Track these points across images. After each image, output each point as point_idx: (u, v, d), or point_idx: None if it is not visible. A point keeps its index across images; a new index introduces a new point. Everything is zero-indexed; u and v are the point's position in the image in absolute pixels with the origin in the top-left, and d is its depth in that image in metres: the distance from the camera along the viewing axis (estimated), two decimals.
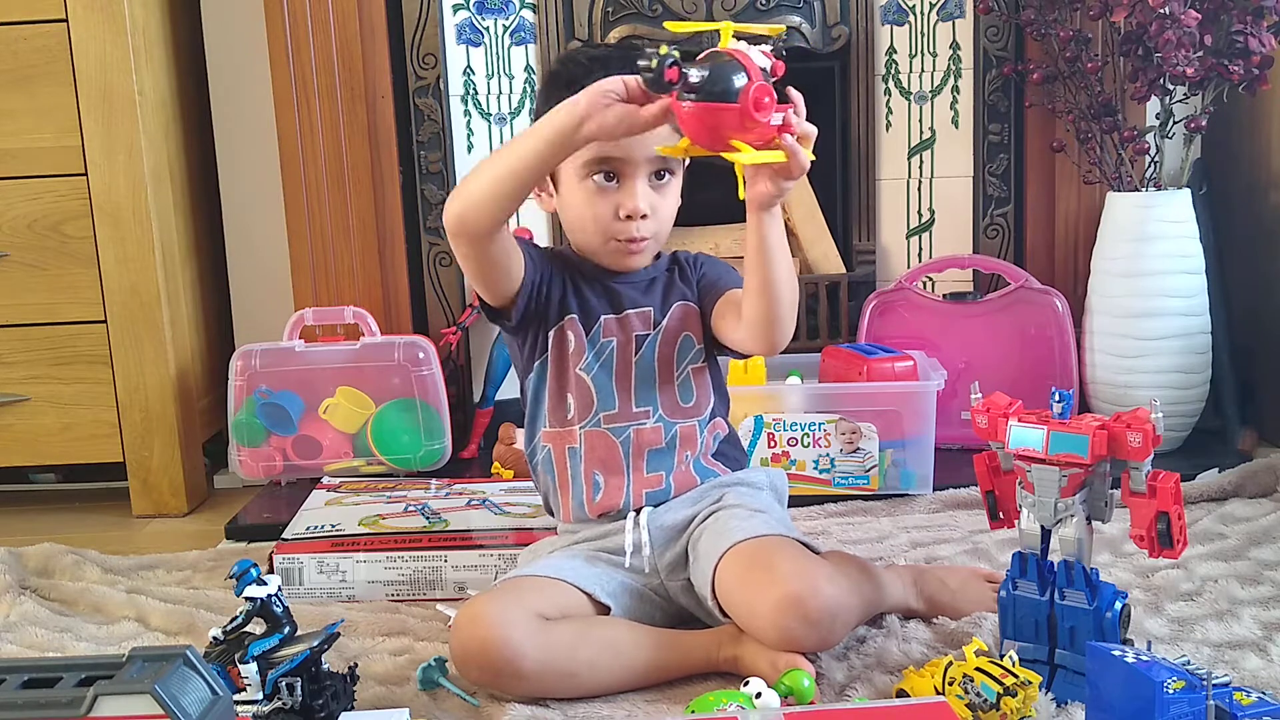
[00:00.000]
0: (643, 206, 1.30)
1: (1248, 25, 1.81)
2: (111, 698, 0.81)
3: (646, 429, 1.37)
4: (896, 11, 2.13)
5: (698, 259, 1.43)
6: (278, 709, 1.10)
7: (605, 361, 1.36)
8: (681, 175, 1.36)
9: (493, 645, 1.18)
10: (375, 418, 2.00)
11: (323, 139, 2.05)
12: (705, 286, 1.39)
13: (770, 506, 1.39)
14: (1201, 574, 1.45)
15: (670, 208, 1.35)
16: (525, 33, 2.13)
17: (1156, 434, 1.12)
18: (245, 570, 1.14)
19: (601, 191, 1.30)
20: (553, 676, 1.19)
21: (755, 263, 1.22)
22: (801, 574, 1.21)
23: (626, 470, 1.36)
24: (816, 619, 1.19)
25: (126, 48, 1.92)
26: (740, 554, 1.26)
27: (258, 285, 2.27)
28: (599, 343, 1.36)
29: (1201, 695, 0.96)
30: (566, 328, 1.36)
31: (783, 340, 1.28)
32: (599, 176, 1.30)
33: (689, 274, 1.41)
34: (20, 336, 2.00)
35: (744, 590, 1.23)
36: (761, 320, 1.26)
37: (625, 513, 1.36)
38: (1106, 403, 1.95)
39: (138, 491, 2.02)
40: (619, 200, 1.30)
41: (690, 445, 1.38)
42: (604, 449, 1.37)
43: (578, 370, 1.36)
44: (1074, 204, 2.11)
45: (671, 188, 1.34)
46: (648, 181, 1.31)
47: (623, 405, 1.36)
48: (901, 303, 2.09)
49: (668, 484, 1.37)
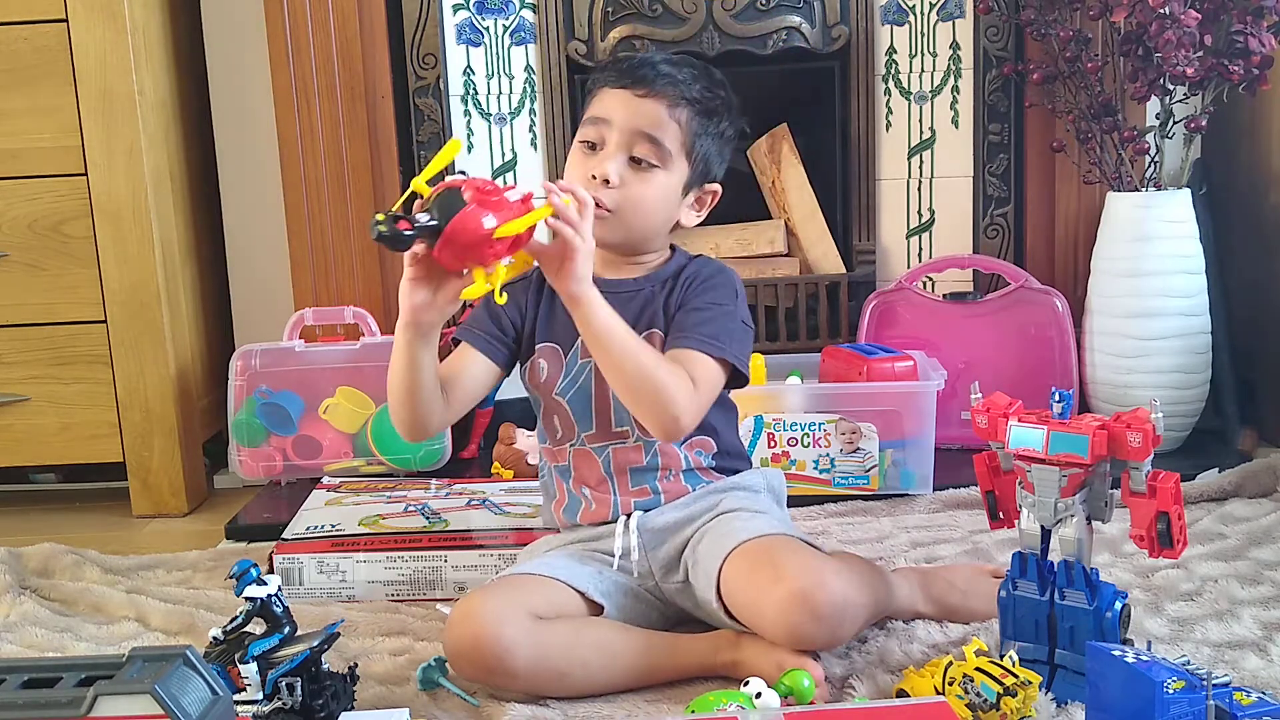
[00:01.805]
0: (610, 172, 1.30)
1: (1248, 25, 1.81)
2: (111, 698, 0.81)
3: (626, 448, 1.36)
4: (896, 11, 2.13)
5: (696, 283, 1.36)
6: (278, 709, 1.11)
7: (582, 384, 1.35)
8: (678, 180, 1.34)
9: (485, 642, 1.18)
10: (375, 418, 2.00)
11: (323, 139, 2.05)
12: (674, 326, 1.34)
13: (770, 508, 1.39)
14: (1201, 574, 1.45)
15: (646, 197, 1.32)
16: (525, 33, 2.13)
17: (1156, 434, 1.12)
18: (245, 570, 1.14)
19: (584, 156, 1.33)
20: (544, 675, 1.20)
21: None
22: (809, 570, 1.20)
23: (612, 487, 1.37)
24: (825, 614, 1.18)
25: (126, 48, 1.92)
26: (745, 554, 1.25)
27: (258, 285, 2.27)
28: (576, 364, 1.35)
29: (1201, 695, 0.96)
30: (540, 356, 1.37)
31: (659, 429, 1.26)
32: (584, 145, 1.33)
33: (675, 297, 1.36)
34: (20, 336, 2.00)
35: (750, 589, 1.22)
36: (627, 406, 1.28)
37: (615, 516, 1.36)
38: (1106, 403, 1.95)
39: (138, 491, 2.02)
40: (593, 164, 1.31)
41: (673, 462, 1.37)
42: (588, 468, 1.37)
43: (554, 395, 1.37)
44: (1074, 204, 2.11)
45: (652, 179, 1.32)
46: (625, 158, 1.31)
47: (600, 426, 1.36)
48: (901, 303, 2.09)
49: (656, 494, 1.36)
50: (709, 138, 1.35)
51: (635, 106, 1.31)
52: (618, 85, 1.33)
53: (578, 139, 1.35)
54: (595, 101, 1.35)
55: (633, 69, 1.34)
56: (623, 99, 1.32)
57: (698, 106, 1.34)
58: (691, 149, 1.34)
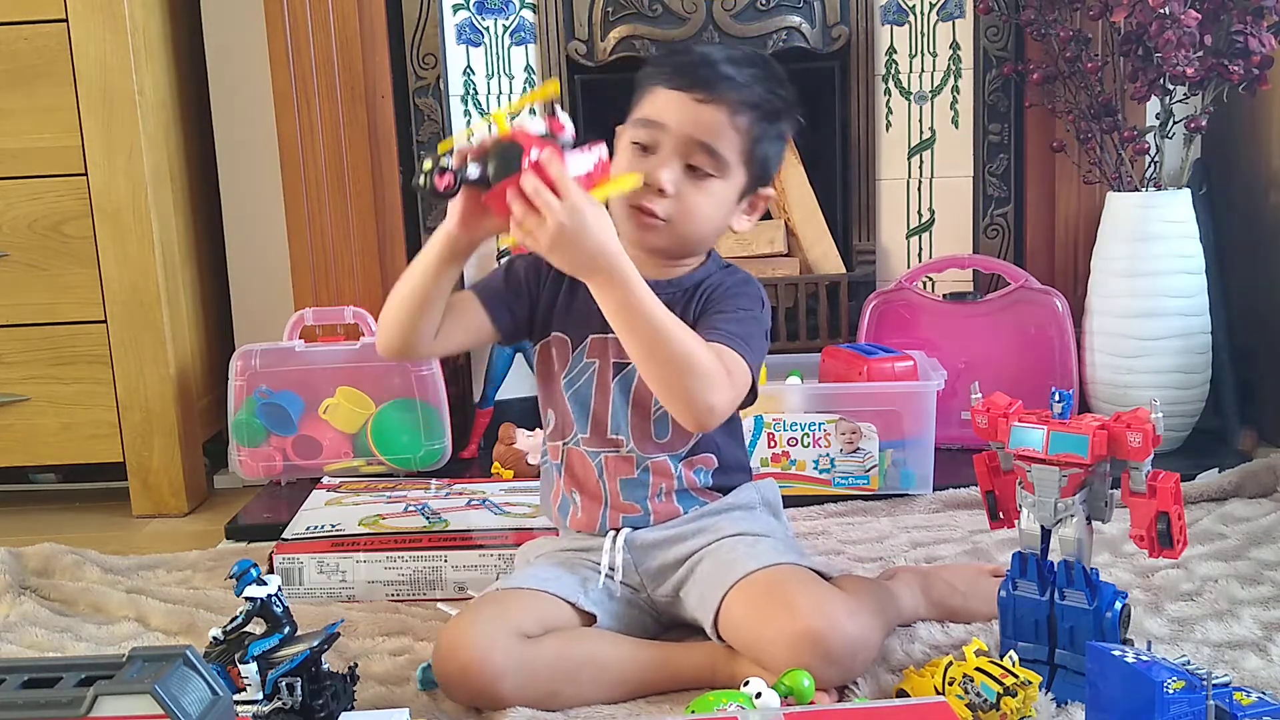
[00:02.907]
0: (665, 181, 1.23)
1: (1248, 25, 1.81)
2: (111, 698, 0.81)
3: (619, 457, 1.32)
4: (896, 11, 2.13)
5: (721, 289, 1.31)
6: (278, 709, 1.10)
7: (582, 385, 1.32)
8: (735, 188, 1.28)
9: (473, 670, 1.16)
10: (375, 418, 2.00)
11: (323, 139, 2.05)
12: (699, 326, 1.27)
13: (771, 528, 1.35)
14: (1201, 574, 1.45)
15: (701, 206, 1.26)
16: (525, 33, 2.13)
17: (1156, 434, 1.12)
18: (245, 570, 1.14)
19: (636, 158, 1.26)
20: (536, 695, 1.18)
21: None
22: (822, 610, 1.16)
23: (604, 495, 1.33)
24: (838, 656, 1.15)
25: (126, 48, 1.92)
26: (751, 587, 1.21)
27: (258, 285, 2.27)
28: (581, 363, 1.32)
29: (1201, 695, 0.96)
30: (552, 344, 1.33)
31: (692, 418, 1.19)
32: (636, 146, 1.26)
33: (697, 305, 1.30)
34: (20, 336, 2.00)
35: (759, 625, 1.18)
36: (656, 392, 1.20)
37: (604, 531, 1.33)
38: (1106, 403, 1.95)
39: (138, 491, 2.02)
40: (647, 169, 1.24)
41: (665, 478, 1.32)
42: (581, 470, 1.34)
43: (558, 387, 1.33)
44: (1074, 204, 2.11)
45: (709, 189, 1.25)
46: (680, 166, 1.24)
47: (595, 431, 1.32)
48: (901, 303, 2.09)
49: (646, 514, 1.32)
50: (768, 141, 1.28)
51: (693, 113, 1.23)
52: (674, 86, 1.25)
53: (629, 138, 1.27)
54: (648, 100, 1.26)
55: (692, 69, 1.25)
56: (680, 102, 1.24)
57: (759, 111, 1.26)
58: (750, 155, 1.27)
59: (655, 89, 1.26)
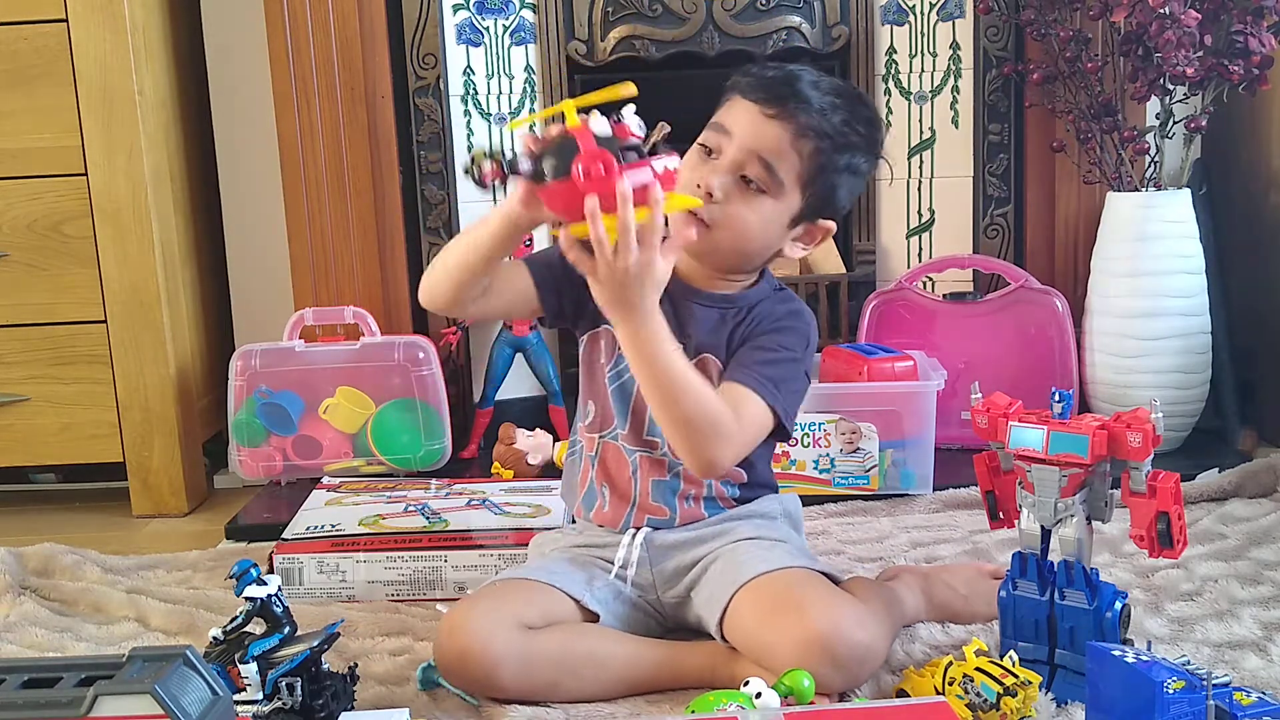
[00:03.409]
0: (714, 185, 1.23)
1: (1248, 25, 1.81)
2: (111, 698, 0.81)
3: (653, 459, 1.32)
4: (896, 11, 2.13)
5: (768, 320, 1.30)
6: (278, 709, 1.10)
7: (625, 382, 1.32)
8: (786, 211, 1.27)
9: (472, 656, 1.17)
10: (375, 418, 2.00)
11: (323, 139, 2.05)
12: (735, 359, 1.28)
13: (788, 536, 1.35)
14: (1201, 574, 1.45)
15: (745, 219, 1.25)
16: (525, 33, 2.13)
17: (1156, 434, 1.12)
18: (245, 570, 1.14)
19: (699, 160, 1.27)
20: (534, 686, 1.18)
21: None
22: (830, 615, 1.16)
23: (634, 493, 1.33)
24: (845, 662, 1.15)
25: (126, 48, 1.92)
26: (760, 588, 1.21)
27: (258, 285, 2.27)
28: (624, 361, 1.29)
29: (1201, 695, 0.96)
30: (600, 336, 1.34)
31: (694, 467, 1.22)
32: (703, 148, 1.27)
33: (743, 330, 1.30)
34: (20, 336, 2.00)
35: (766, 628, 1.18)
36: (665, 435, 1.22)
37: (626, 528, 1.34)
38: (1106, 403, 1.95)
39: (138, 491, 2.02)
40: (704, 173, 1.25)
41: (695, 485, 1.33)
42: (615, 465, 1.34)
43: (602, 380, 1.34)
44: (1074, 204, 2.11)
45: (757, 204, 1.25)
46: (735, 174, 1.24)
47: (633, 430, 1.32)
48: (901, 303, 2.09)
49: (672, 515, 1.33)
50: (835, 173, 1.26)
51: (759, 126, 1.24)
52: (749, 97, 1.26)
53: (699, 140, 1.28)
54: (726, 106, 1.28)
55: (770, 84, 1.26)
56: (750, 113, 1.25)
57: (828, 141, 1.25)
58: (809, 181, 1.26)
59: (735, 97, 1.28)
